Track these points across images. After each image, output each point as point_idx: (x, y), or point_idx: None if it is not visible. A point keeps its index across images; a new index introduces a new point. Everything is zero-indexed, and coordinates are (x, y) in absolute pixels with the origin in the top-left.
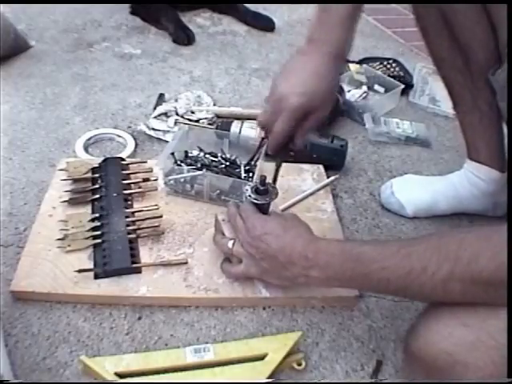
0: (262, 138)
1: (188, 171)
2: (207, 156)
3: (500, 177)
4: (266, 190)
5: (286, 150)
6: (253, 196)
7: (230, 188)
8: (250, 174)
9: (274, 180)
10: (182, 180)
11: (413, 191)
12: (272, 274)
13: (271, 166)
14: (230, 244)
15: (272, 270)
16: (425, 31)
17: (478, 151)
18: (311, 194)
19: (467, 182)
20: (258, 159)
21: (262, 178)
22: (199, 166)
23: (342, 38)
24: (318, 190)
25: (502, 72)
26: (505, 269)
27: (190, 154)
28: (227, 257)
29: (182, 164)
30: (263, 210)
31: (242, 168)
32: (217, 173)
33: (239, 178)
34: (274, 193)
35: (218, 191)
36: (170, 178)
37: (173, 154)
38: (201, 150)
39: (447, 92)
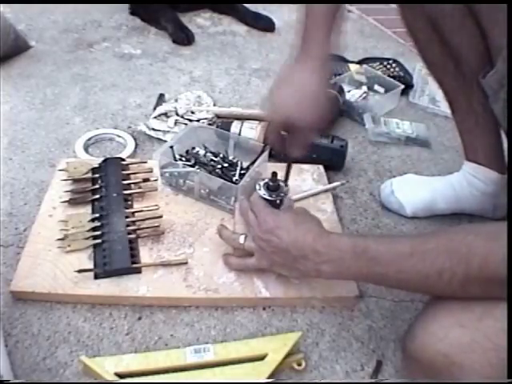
0: (264, 145)
1: (183, 166)
2: (208, 154)
3: (499, 178)
4: (276, 186)
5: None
6: (263, 192)
7: (218, 189)
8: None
9: (286, 179)
10: (176, 174)
11: (412, 190)
12: (283, 267)
13: (273, 166)
14: (241, 239)
15: (284, 263)
16: (415, 38)
17: (476, 152)
18: (315, 195)
19: (466, 182)
20: (253, 163)
21: (273, 175)
22: (193, 162)
23: (325, 40)
24: (323, 191)
25: (493, 75)
26: None
27: (191, 151)
28: (234, 251)
29: (182, 159)
30: (274, 206)
31: (237, 172)
32: (209, 172)
33: (231, 181)
34: (284, 190)
35: (208, 190)
36: (165, 170)
37: (172, 147)
38: (205, 147)
39: (443, 95)
